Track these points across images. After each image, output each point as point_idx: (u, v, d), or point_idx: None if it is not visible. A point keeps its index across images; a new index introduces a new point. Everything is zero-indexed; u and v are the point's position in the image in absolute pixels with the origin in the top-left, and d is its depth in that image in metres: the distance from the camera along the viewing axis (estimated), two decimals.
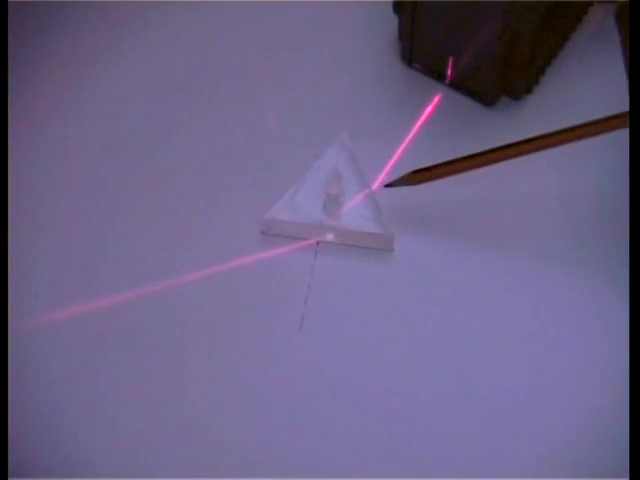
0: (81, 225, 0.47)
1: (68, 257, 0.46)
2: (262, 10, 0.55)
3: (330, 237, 0.46)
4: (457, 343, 0.43)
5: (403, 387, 0.42)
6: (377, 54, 0.53)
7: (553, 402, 0.42)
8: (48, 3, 0.55)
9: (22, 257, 0.46)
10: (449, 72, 0.50)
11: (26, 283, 0.45)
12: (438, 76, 0.51)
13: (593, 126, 0.39)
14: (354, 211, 0.46)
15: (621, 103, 0.40)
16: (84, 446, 0.41)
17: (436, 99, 0.50)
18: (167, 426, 0.41)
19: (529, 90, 0.51)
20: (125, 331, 0.44)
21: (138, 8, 0.56)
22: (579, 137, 0.39)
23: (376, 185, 0.47)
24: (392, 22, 0.51)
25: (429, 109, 0.50)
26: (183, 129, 0.51)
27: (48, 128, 0.51)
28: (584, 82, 0.51)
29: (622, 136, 0.40)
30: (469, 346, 0.43)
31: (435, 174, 0.43)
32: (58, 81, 0.53)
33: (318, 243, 0.46)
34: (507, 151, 0.41)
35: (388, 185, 0.45)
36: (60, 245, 0.47)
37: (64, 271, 0.46)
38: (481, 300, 0.45)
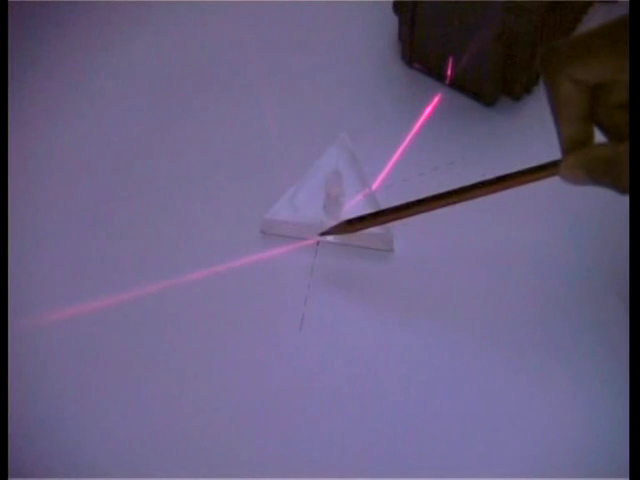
0: (81, 225, 0.47)
1: (68, 258, 0.46)
2: (262, 10, 0.55)
3: (330, 237, 0.46)
4: (457, 343, 0.43)
5: (402, 386, 0.42)
6: (377, 54, 0.54)
7: (553, 402, 0.42)
8: (48, 3, 0.55)
9: (22, 258, 0.46)
10: (449, 72, 0.50)
11: (26, 283, 0.45)
12: (438, 76, 0.51)
13: (525, 175, 0.37)
14: (354, 211, 0.46)
15: None
16: (83, 446, 0.41)
17: (436, 99, 0.50)
18: (167, 425, 0.41)
19: (528, 90, 0.51)
20: (125, 331, 0.44)
21: (138, 8, 0.56)
22: (511, 186, 0.38)
23: (376, 185, 0.47)
24: (392, 22, 0.51)
25: (429, 109, 0.50)
26: (183, 130, 0.51)
27: (48, 128, 0.51)
28: None
29: None
30: (469, 345, 0.43)
31: (367, 223, 0.42)
32: (58, 81, 0.53)
33: (318, 243, 0.46)
34: (436, 202, 0.40)
35: (323, 234, 0.44)
36: (60, 246, 0.47)
37: (64, 272, 0.46)
38: (481, 300, 0.45)
